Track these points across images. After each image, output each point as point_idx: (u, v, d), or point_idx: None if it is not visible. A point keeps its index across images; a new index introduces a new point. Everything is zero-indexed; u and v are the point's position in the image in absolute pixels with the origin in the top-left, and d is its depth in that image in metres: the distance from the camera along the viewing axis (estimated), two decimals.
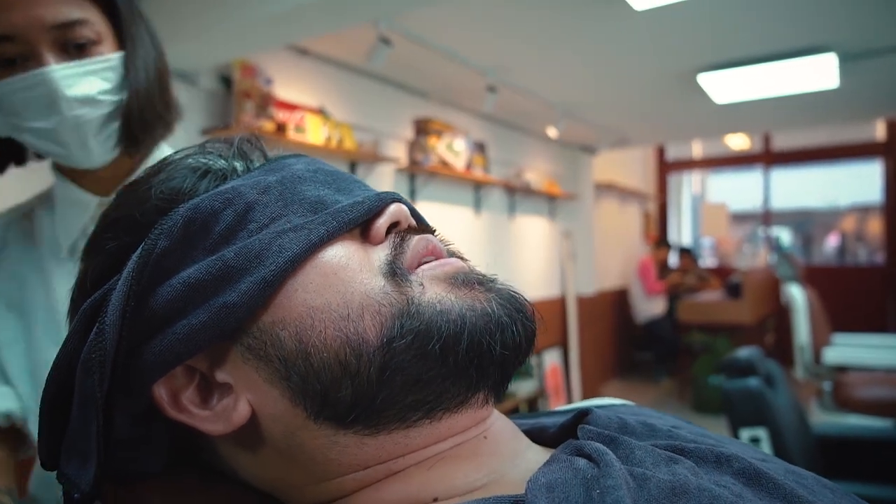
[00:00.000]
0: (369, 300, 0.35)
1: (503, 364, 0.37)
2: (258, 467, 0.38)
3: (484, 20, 2.64)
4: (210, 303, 0.35)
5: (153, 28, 0.80)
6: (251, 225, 0.37)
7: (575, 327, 5.29)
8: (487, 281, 0.39)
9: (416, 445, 0.36)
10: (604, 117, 4.41)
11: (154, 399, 0.37)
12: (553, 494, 0.31)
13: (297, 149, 2.75)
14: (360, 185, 0.44)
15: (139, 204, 0.40)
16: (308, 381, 0.34)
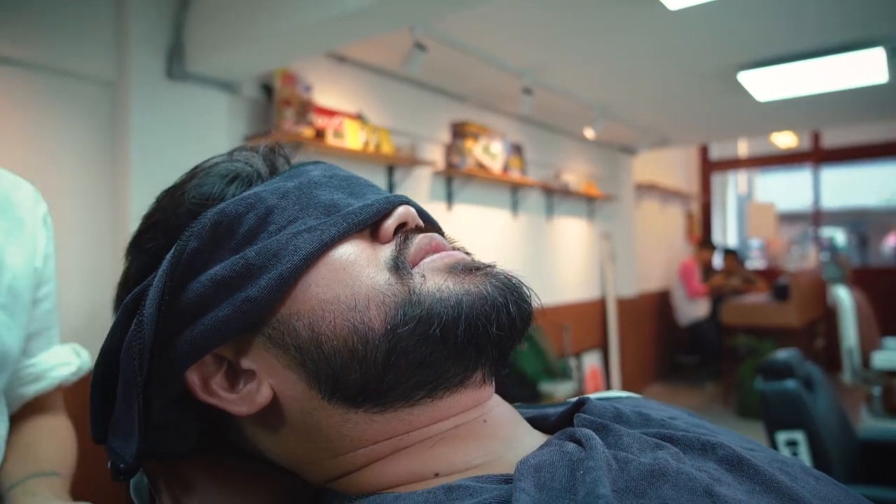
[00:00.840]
0: (375, 292, 0.38)
1: (499, 343, 0.40)
2: (280, 445, 0.42)
3: (519, 22, 2.66)
4: (234, 297, 0.39)
5: None
6: (271, 227, 0.41)
7: (615, 330, 5.23)
8: (485, 267, 0.42)
9: (420, 423, 0.39)
10: (643, 117, 4.36)
11: (187, 384, 0.41)
12: (540, 474, 0.34)
13: (336, 154, 2.83)
14: (372, 188, 0.48)
15: (174, 208, 0.45)
16: (321, 367, 0.38)
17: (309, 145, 2.64)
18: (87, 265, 2.09)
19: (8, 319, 0.69)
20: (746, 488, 0.35)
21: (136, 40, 2.08)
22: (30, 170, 1.96)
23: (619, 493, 0.32)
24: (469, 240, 2.80)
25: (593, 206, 5.22)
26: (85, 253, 2.09)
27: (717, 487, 0.33)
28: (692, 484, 0.33)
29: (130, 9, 2.08)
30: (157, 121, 2.14)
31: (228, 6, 2.07)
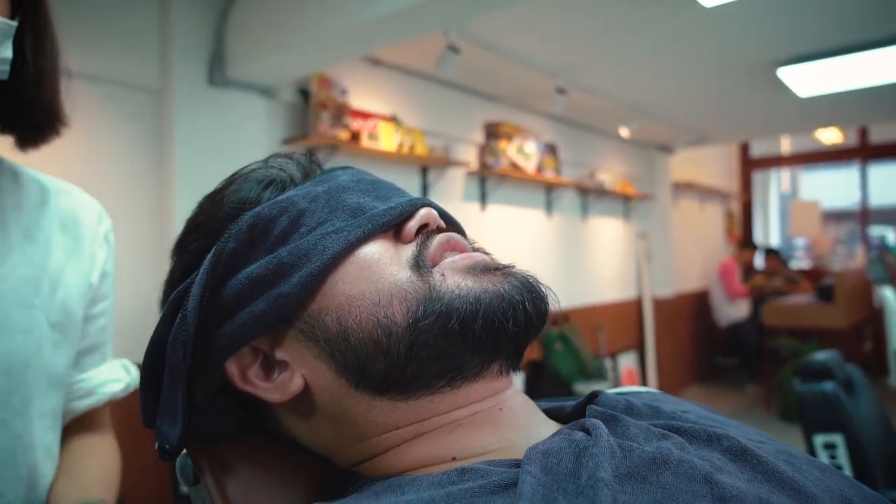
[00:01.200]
0: (397, 288, 0.41)
1: (515, 338, 0.42)
2: (311, 431, 0.46)
3: (551, 22, 2.66)
4: (268, 294, 0.42)
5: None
6: (302, 228, 0.44)
7: (651, 330, 5.17)
8: (504, 268, 0.44)
9: (440, 410, 0.42)
10: (679, 115, 4.30)
11: (226, 374, 0.44)
12: (548, 459, 0.36)
13: (370, 156, 2.88)
14: (398, 192, 0.50)
15: (215, 211, 0.48)
16: (348, 357, 0.41)
17: (344, 148, 2.69)
18: (133, 265, 2.18)
19: (59, 337, 0.69)
20: (748, 477, 0.37)
21: (178, 49, 2.17)
22: (80, 175, 2.06)
23: (620, 479, 0.34)
24: (503, 240, 2.84)
25: (629, 206, 5.17)
26: (131, 253, 2.18)
27: (717, 475, 0.35)
28: (692, 471, 0.35)
29: (173, 20, 2.16)
30: (199, 126, 2.22)
31: (266, 14, 2.13)
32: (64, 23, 2.03)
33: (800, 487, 0.36)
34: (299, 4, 2.02)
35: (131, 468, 2.16)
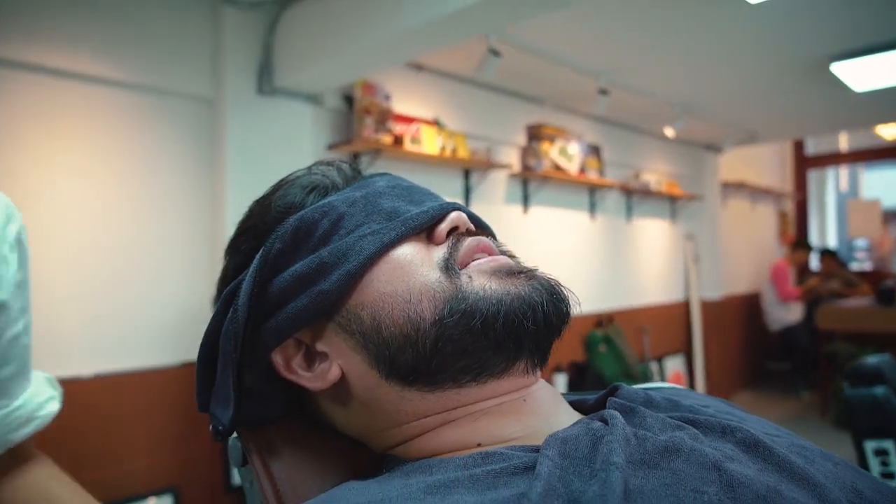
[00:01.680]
0: (427, 288, 0.44)
1: (535, 337, 0.45)
2: (347, 417, 0.49)
3: (592, 24, 2.66)
4: (311, 290, 0.46)
5: None
6: (341, 231, 0.48)
7: (699, 333, 5.06)
8: (528, 271, 0.47)
9: (466, 401, 0.45)
10: (727, 114, 4.21)
11: (272, 363, 0.49)
12: (566, 445, 0.38)
13: (413, 159, 2.93)
14: (431, 196, 0.54)
15: (263, 215, 0.53)
16: (380, 349, 0.45)
17: (387, 152, 2.75)
18: (187, 267, 2.29)
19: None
20: (759, 467, 0.38)
21: (230, 61, 2.26)
22: (140, 182, 2.17)
23: (633, 464, 0.37)
24: (545, 242, 2.87)
25: (676, 207, 5.08)
26: (186, 254, 2.29)
27: (727, 464, 0.37)
28: (703, 459, 0.37)
29: (225, 33, 2.26)
30: (249, 133, 2.31)
31: (312, 26, 2.20)
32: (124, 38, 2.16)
33: (809, 478, 0.38)
34: (344, 16, 2.08)
35: (183, 459, 2.26)
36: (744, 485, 0.35)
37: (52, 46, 1.96)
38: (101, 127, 2.09)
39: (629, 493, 0.34)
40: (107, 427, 2.07)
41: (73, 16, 1.99)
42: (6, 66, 1.89)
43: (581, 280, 4.08)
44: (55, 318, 1.98)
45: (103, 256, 2.09)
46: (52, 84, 1.99)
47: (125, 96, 2.14)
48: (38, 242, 1.95)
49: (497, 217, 3.50)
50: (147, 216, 2.19)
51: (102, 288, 2.08)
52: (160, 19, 2.18)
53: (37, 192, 1.96)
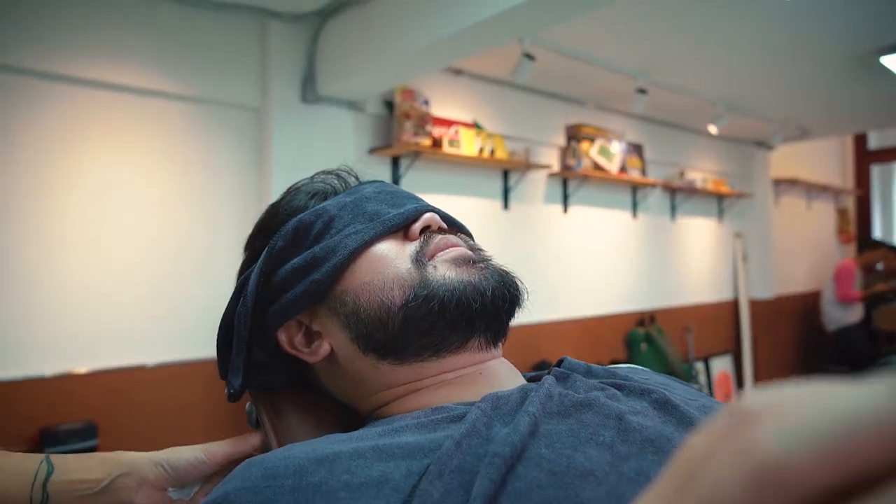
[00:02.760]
0: (398, 277, 0.54)
1: (485, 317, 0.53)
2: (337, 385, 0.59)
3: (627, 24, 2.68)
4: (306, 279, 0.56)
5: None
6: (332, 230, 0.58)
7: (748, 333, 4.97)
8: (482, 261, 0.55)
9: (429, 373, 0.54)
10: (775, 110, 4.12)
11: (277, 341, 0.59)
12: (499, 401, 0.47)
13: (452, 161, 3.03)
14: (412, 200, 0.63)
15: (273, 217, 0.63)
16: (360, 328, 0.54)
17: (427, 154, 2.86)
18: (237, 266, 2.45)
19: None
20: (662, 420, 0.46)
21: (275, 71, 2.42)
22: (193, 187, 2.35)
23: (549, 414, 0.45)
24: (585, 241, 2.95)
25: (723, 205, 4.99)
26: (236, 254, 2.45)
27: (630, 416, 0.44)
28: (608, 411, 0.45)
29: (270, 45, 2.42)
30: (293, 139, 2.46)
31: (353, 36, 2.33)
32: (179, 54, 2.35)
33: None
34: (383, 26, 2.19)
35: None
36: (637, 431, 0.43)
37: (115, 64, 2.15)
38: (157, 137, 2.28)
39: (537, 434, 0.42)
40: (165, 412, 2.25)
41: (133, 35, 2.18)
42: (75, 83, 2.09)
43: (622, 279, 4.09)
44: (119, 312, 2.17)
45: (161, 256, 2.27)
46: (114, 98, 2.18)
47: (179, 108, 2.32)
48: (103, 243, 2.15)
49: (536, 217, 3.56)
50: (199, 219, 2.37)
51: (161, 285, 2.26)
52: (211, 35, 2.35)
53: (100, 199, 2.15)
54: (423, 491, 0.37)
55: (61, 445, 1.88)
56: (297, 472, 0.40)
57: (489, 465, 0.37)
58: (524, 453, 0.40)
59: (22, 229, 2.00)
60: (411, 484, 0.38)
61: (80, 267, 2.10)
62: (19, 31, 1.96)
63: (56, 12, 2.03)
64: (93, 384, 2.10)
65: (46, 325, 2.03)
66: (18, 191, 2.00)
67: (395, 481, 0.39)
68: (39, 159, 2.03)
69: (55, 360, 2.04)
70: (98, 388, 2.11)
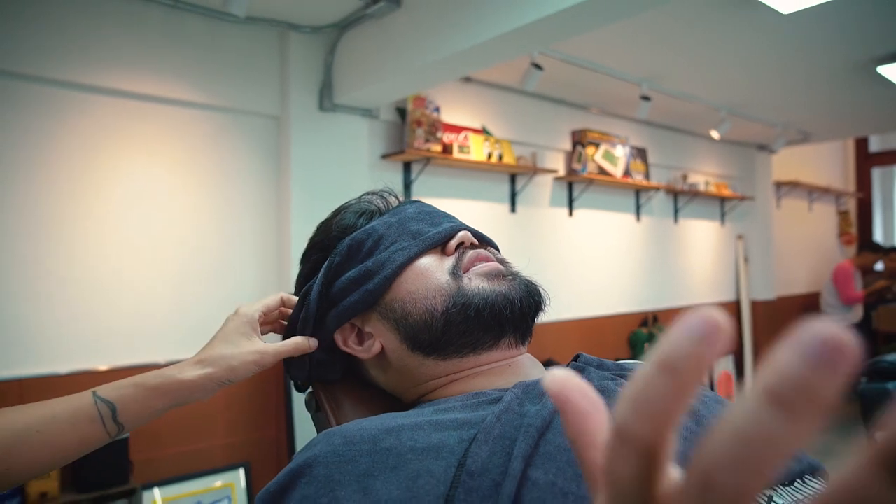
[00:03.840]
0: (439, 288, 0.64)
1: (513, 321, 0.63)
2: (386, 378, 0.70)
3: (633, 34, 2.77)
4: (360, 289, 0.66)
5: None
6: (381, 247, 0.68)
7: (749, 334, 5.06)
8: (512, 274, 0.66)
9: (467, 367, 0.64)
10: (777, 115, 4.22)
11: (335, 341, 0.69)
12: (528, 387, 0.57)
13: (461, 166, 3.13)
14: (448, 219, 0.73)
15: (327, 234, 0.74)
16: (407, 331, 0.64)
17: (437, 160, 2.96)
18: (258, 262, 2.56)
19: None
20: None
21: (294, 81, 2.52)
22: (216, 192, 2.46)
23: None
24: (590, 244, 3.07)
25: (726, 207, 5.08)
26: (257, 253, 2.56)
27: None
28: (616, 395, 0.55)
29: (290, 56, 2.52)
30: (310, 145, 2.56)
31: (369, 47, 2.43)
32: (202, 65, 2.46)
33: (697, 413, 0.55)
34: (399, 39, 2.29)
35: (254, 439, 2.53)
36: None
37: (146, 76, 2.26)
38: (183, 144, 2.38)
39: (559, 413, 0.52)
40: (184, 408, 2.36)
41: (164, 49, 2.29)
42: (109, 94, 2.20)
43: (625, 280, 4.19)
44: (146, 309, 2.28)
45: (182, 258, 2.38)
46: (143, 108, 2.29)
47: (204, 116, 2.43)
48: (126, 245, 2.26)
49: (542, 220, 3.66)
50: (220, 222, 2.47)
51: (181, 286, 2.37)
52: (233, 46, 2.46)
53: (127, 203, 2.26)
54: (474, 453, 0.47)
55: None
56: (371, 439, 0.51)
57: (525, 432, 0.48)
58: (551, 424, 0.50)
59: (53, 233, 2.11)
60: (464, 448, 0.49)
61: (105, 269, 2.21)
62: (62, 47, 2.07)
63: (93, 29, 2.13)
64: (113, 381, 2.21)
65: (73, 324, 2.14)
66: (52, 197, 2.11)
67: (450, 446, 0.49)
68: (73, 166, 2.14)
69: (79, 358, 2.15)
70: None
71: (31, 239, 2.06)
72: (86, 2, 2.13)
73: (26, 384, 2.02)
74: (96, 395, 0.65)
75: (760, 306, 5.19)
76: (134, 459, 2.15)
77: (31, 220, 2.06)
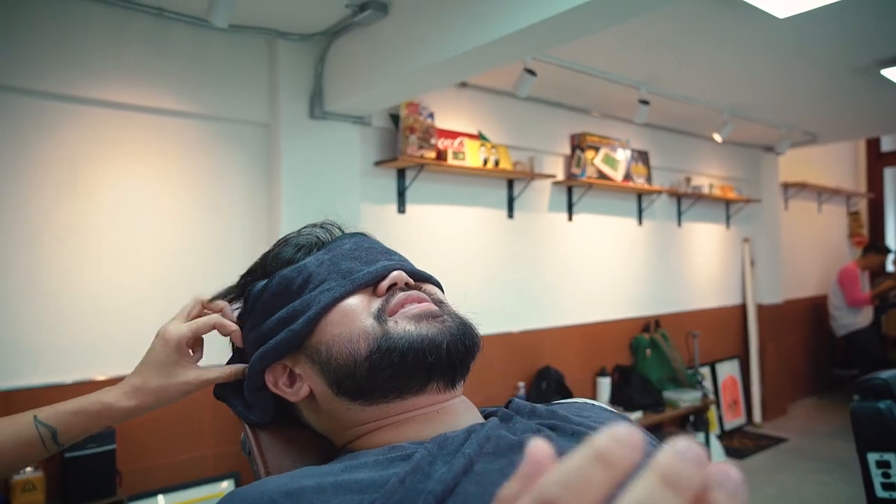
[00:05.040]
0: (363, 331, 0.62)
1: (439, 367, 0.61)
2: (318, 421, 0.67)
3: (628, 38, 2.72)
4: (287, 329, 0.64)
5: None
6: (310, 286, 0.66)
7: (755, 338, 4.99)
8: (440, 315, 0.63)
9: (394, 412, 0.62)
10: (781, 117, 4.15)
11: (265, 381, 0.67)
12: (445, 440, 0.55)
13: (456, 173, 3.11)
14: (385, 255, 0.70)
15: (264, 265, 0.72)
16: (332, 375, 0.62)
17: (431, 167, 2.93)
18: None
19: None
20: None
21: (284, 89, 2.51)
22: (207, 201, 2.45)
23: (485, 455, 0.52)
24: (590, 249, 3.04)
25: (732, 210, 5.01)
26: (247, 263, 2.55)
27: None
28: None
29: (279, 64, 2.51)
30: (301, 153, 2.55)
31: (360, 55, 2.41)
32: (191, 74, 2.46)
33: None
34: (390, 46, 2.26)
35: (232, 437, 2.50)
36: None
37: (133, 86, 2.25)
38: (172, 153, 2.38)
39: (471, 473, 0.50)
40: (177, 417, 2.36)
41: (150, 58, 2.28)
42: (96, 104, 2.20)
43: (627, 285, 4.14)
44: (135, 321, 2.28)
45: (174, 267, 2.38)
46: (131, 118, 2.28)
47: (193, 125, 2.42)
48: (120, 255, 2.26)
49: (541, 225, 3.63)
50: (212, 231, 2.47)
51: (174, 295, 2.37)
52: (222, 55, 2.45)
53: (119, 214, 2.26)
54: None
55: (78, 450, 1.99)
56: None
57: (423, 501, 0.45)
58: (456, 489, 0.48)
59: (47, 244, 2.11)
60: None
61: (98, 279, 2.21)
62: (46, 59, 2.07)
63: (77, 40, 2.13)
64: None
65: (69, 335, 2.15)
66: (42, 208, 2.11)
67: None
68: (62, 177, 2.14)
69: (76, 368, 2.16)
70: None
71: (21, 249, 2.06)
72: (69, 13, 2.12)
73: (13, 396, 2.02)
74: (38, 420, 0.70)
75: (767, 310, 5.11)
76: (121, 470, 2.15)
77: (21, 231, 2.07)
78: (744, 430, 4.76)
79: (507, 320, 3.42)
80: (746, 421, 4.88)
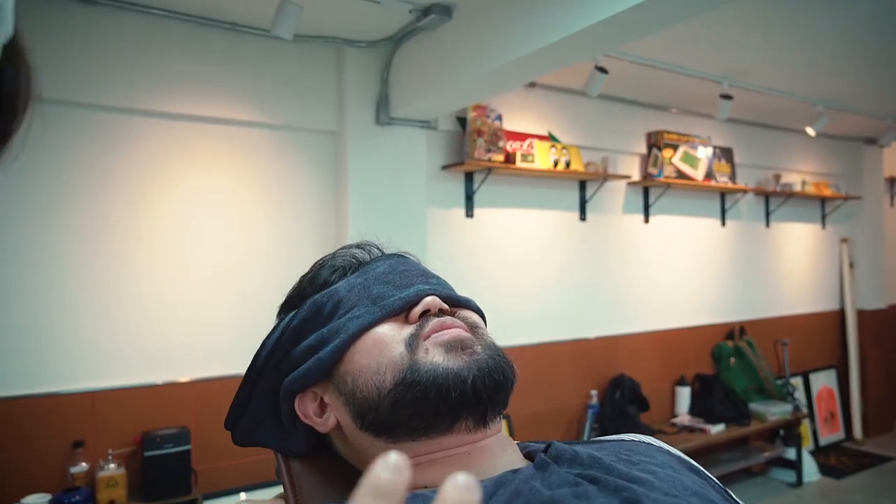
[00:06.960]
0: (391, 362, 0.58)
1: (465, 404, 0.56)
2: (346, 451, 0.64)
3: (707, 30, 2.57)
4: (314, 357, 0.62)
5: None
6: (340, 311, 0.63)
7: (855, 346, 4.61)
8: (471, 345, 0.58)
9: (421, 451, 0.58)
10: (884, 107, 3.79)
11: (295, 411, 0.65)
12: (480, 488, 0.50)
13: (525, 175, 3.04)
14: (420, 278, 0.67)
15: (299, 291, 0.70)
16: (356, 408, 0.59)
17: (499, 170, 2.88)
18: None
19: None
20: None
21: (351, 96, 2.53)
22: (277, 208, 2.51)
23: None
24: (668, 251, 2.91)
25: (827, 208, 4.65)
26: None
27: None
28: None
29: (346, 71, 2.53)
30: (368, 160, 2.56)
31: (425, 60, 2.39)
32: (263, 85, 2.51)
33: None
34: (455, 49, 2.23)
35: None
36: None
37: (207, 99, 2.33)
38: (245, 163, 2.45)
39: None
40: None
41: (223, 71, 2.36)
42: (166, 117, 2.30)
43: (709, 289, 3.92)
44: (208, 325, 2.36)
45: (248, 274, 2.44)
46: (202, 129, 2.37)
47: (264, 135, 2.49)
48: (199, 264, 2.35)
49: (615, 228, 3.49)
50: (282, 237, 2.52)
51: (248, 301, 2.44)
52: (291, 65, 2.50)
53: (198, 224, 2.35)
54: None
55: (157, 450, 2.08)
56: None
57: None
58: None
59: (122, 254, 2.22)
60: None
61: (171, 286, 2.31)
62: (132, 77, 2.18)
63: (157, 56, 2.23)
64: (189, 393, 2.30)
65: (154, 341, 2.25)
66: (121, 220, 2.22)
67: None
68: (140, 189, 2.25)
69: (164, 371, 2.26)
70: (193, 397, 2.31)
71: (100, 260, 2.18)
72: (146, 30, 2.22)
73: (98, 396, 2.14)
74: None
75: (868, 315, 4.71)
76: (196, 469, 2.24)
77: (100, 243, 2.19)
78: (842, 446, 4.41)
79: (580, 326, 3.31)
80: (845, 436, 4.51)
